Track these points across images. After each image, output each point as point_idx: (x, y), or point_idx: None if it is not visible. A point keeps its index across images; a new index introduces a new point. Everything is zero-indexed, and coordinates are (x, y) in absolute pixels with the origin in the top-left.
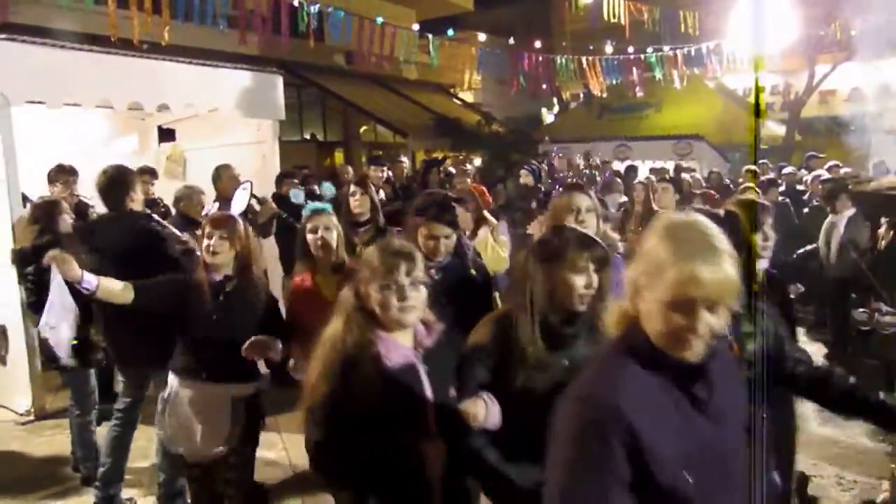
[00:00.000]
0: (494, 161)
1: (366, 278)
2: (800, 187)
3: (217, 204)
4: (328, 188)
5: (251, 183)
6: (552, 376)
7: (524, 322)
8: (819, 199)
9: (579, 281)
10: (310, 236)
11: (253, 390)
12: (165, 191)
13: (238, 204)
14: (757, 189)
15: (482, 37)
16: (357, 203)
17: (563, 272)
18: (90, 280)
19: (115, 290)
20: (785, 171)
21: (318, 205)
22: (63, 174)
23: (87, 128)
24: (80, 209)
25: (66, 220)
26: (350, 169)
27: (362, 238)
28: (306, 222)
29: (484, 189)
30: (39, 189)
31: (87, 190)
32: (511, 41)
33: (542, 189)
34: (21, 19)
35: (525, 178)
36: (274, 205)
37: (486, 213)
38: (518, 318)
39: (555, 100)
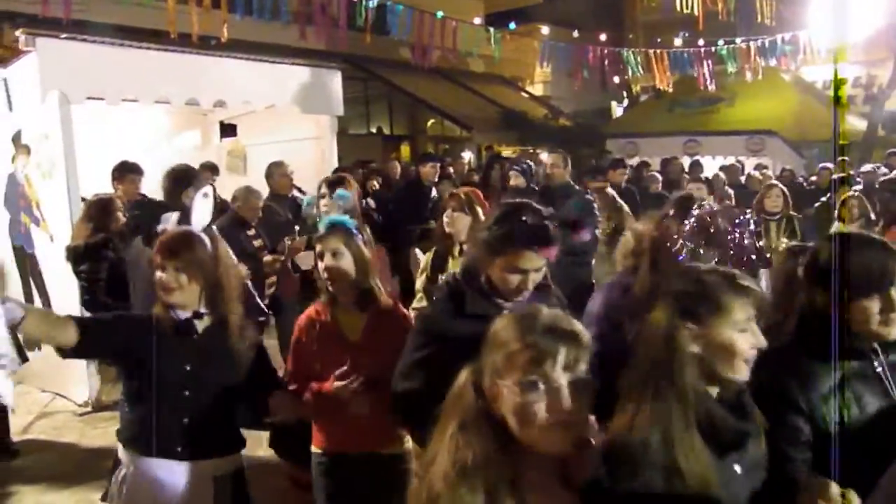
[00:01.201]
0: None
1: (496, 366)
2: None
3: (175, 215)
4: (342, 196)
5: (213, 187)
6: None
7: None
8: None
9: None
10: (321, 262)
11: (238, 464)
12: (227, 186)
13: (198, 215)
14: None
15: (545, 29)
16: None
17: None
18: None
19: (45, 329)
20: (863, 168)
21: (333, 218)
22: (127, 172)
23: (148, 124)
24: (149, 206)
25: (120, 219)
26: (398, 165)
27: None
28: (317, 243)
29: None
30: (103, 186)
31: (150, 186)
32: (576, 34)
33: (536, 191)
34: (83, 16)
35: (515, 179)
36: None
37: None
38: None
39: (624, 93)
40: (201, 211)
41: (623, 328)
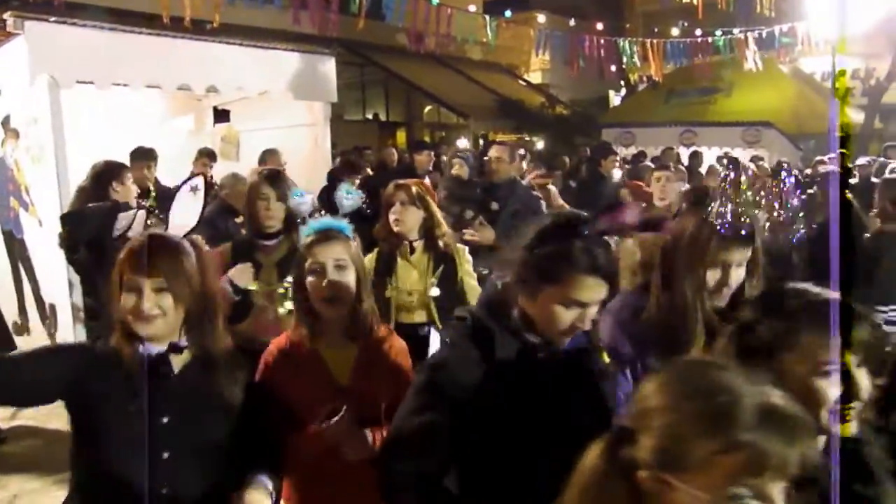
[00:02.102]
0: (557, 144)
1: (672, 455)
2: (875, 180)
3: (140, 214)
4: (348, 192)
5: (203, 178)
6: None
7: None
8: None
9: None
10: (310, 279)
11: None
12: (219, 171)
13: (182, 215)
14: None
15: (542, 18)
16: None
17: None
18: None
19: None
20: (859, 161)
21: (326, 222)
22: (142, 157)
23: (141, 108)
24: (162, 192)
25: None
26: (395, 152)
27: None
28: (304, 252)
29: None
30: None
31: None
32: (572, 23)
33: (479, 184)
34: None
35: (458, 168)
36: (315, 201)
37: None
38: None
39: (621, 82)
40: (186, 210)
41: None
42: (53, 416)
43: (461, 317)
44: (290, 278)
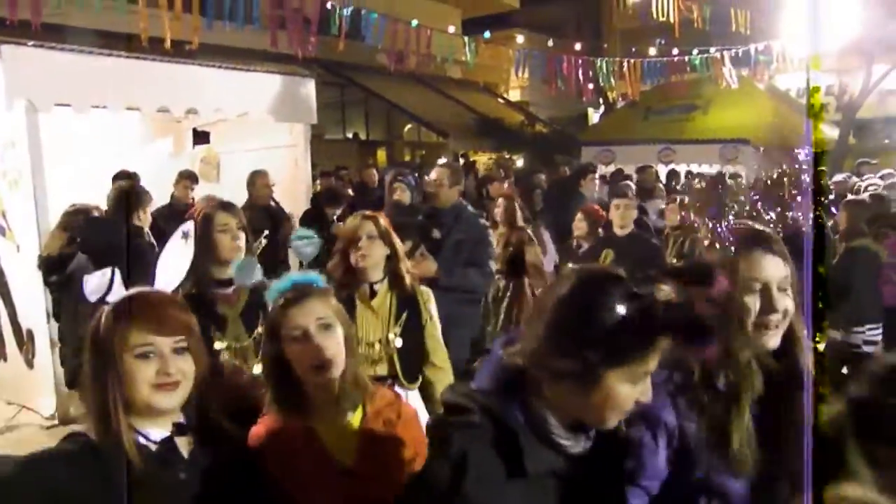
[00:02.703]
0: (537, 162)
1: None
2: (851, 196)
3: (109, 275)
4: (306, 238)
5: (194, 224)
6: None
7: None
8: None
9: None
10: (291, 348)
11: None
12: (199, 193)
13: (173, 267)
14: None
15: (520, 38)
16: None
17: None
18: None
19: None
20: (836, 178)
21: (293, 278)
22: (126, 179)
23: (120, 130)
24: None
25: None
26: (376, 172)
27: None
28: (277, 318)
29: None
30: (72, 195)
31: None
32: (550, 43)
33: (421, 210)
34: (54, 20)
35: (400, 193)
36: (297, 223)
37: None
38: None
39: (600, 100)
40: (176, 262)
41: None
42: (32, 444)
43: (461, 407)
44: (260, 329)
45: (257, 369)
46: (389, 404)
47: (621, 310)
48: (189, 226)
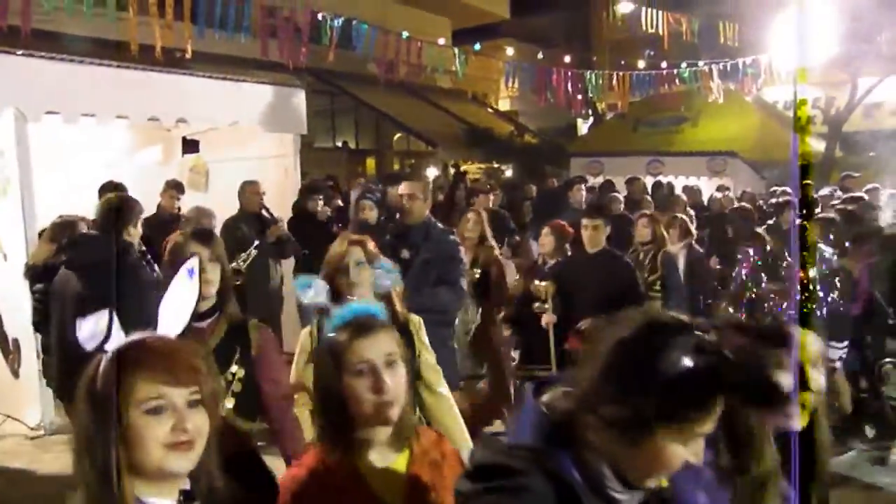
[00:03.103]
0: (526, 173)
1: None
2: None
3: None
4: (308, 286)
5: (198, 257)
6: None
7: None
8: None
9: None
10: (355, 383)
11: None
12: (188, 202)
13: (177, 309)
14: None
15: (510, 51)
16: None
17: None
18: None
19: None
20: (822, 192)
21: (359, 308)
22: (112, 191)
23: (109, 139)
24: None
25: None
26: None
27: None
28: (342, 349)
29: None
30: (61, 203)
31: None
32: (540, 55)
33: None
34: (45, 27)
35: (368, 211)
36: (285, 227)
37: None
38: None
39: (589, 111)
40: (181, 303)
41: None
42: (17, 455)
43: (503, 468)
44: (234, 369)
45: (228, 404)
46: (434, 444)
47: (687, 363)
48: (194, 262)
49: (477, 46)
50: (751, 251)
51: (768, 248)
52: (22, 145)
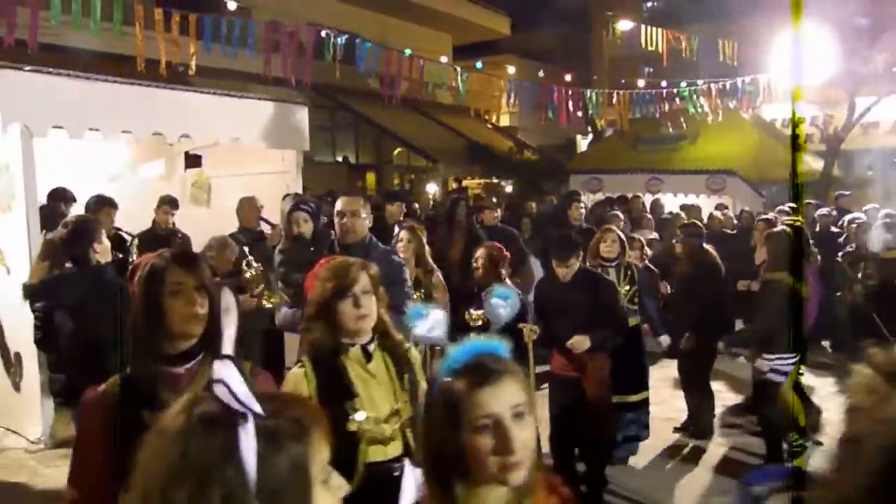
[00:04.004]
0: (526, 189)
1: None
2: (835, 230)
3: None
4: (501, 299)
5: (233, 294)
6: None
7: None
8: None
9: None
10: (476, 440)
11: None
12: (190, 216)
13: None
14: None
15: (511, 69)
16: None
17: None
18: None
19: None
20: (820, 211)
21: (482, 347)
22: (102, 205)
23: (112, 154)
24: (118, 241)
25: None
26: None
27: None
28: (461, 400)
29: None
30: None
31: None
32: (541, 74)
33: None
34: (51, 41)
35: (303, 225)
36: (282, 231)
37: None
38: None
39: (588, 128)
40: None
41: None
42: (18, 469)
43: None
44: None
45: None
46: (550, 492)
47: None
48: (230, 300)
49: (479, 65)
50: None
51: None
52: (27, 160)
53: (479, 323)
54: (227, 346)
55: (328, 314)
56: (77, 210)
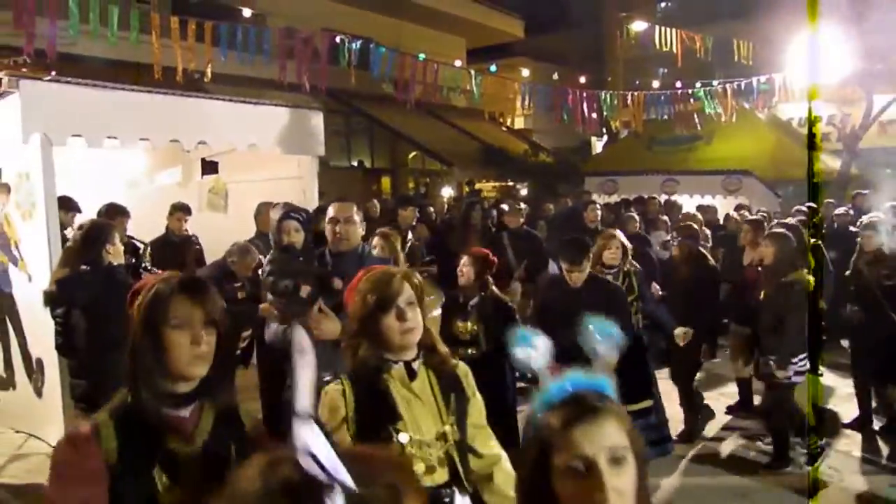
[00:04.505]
0: (541, 191)
1: None
2: (853, 229)
3: None
4: (601, 333)
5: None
6: None
7: None
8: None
9: None
10: (568, 484)
11: None
12: (207, 222)
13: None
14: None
15: (525, 71)
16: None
17: None
18: None
19: None
20: (837, 211)
21: (582, 381)
22: (114, 214)
23: (130, 160)
24: (131, 249)
25: None
26: (377, 203)
27: None
28: (553, 440)
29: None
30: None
31: (133, 221)
32: (555, 76)
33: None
34: (69, 50)
35: (294, 234)
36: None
37: None
38: None
39: (603, 129)
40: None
41: None
42: (40, 473)
43: None
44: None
45: None
46: None
47: None
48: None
49: (493, 68)
50: None
51: None
52: (48, 169)
53: (469, 337)
54: (304, 399)
55: (371, 329)
56: (84, 219)
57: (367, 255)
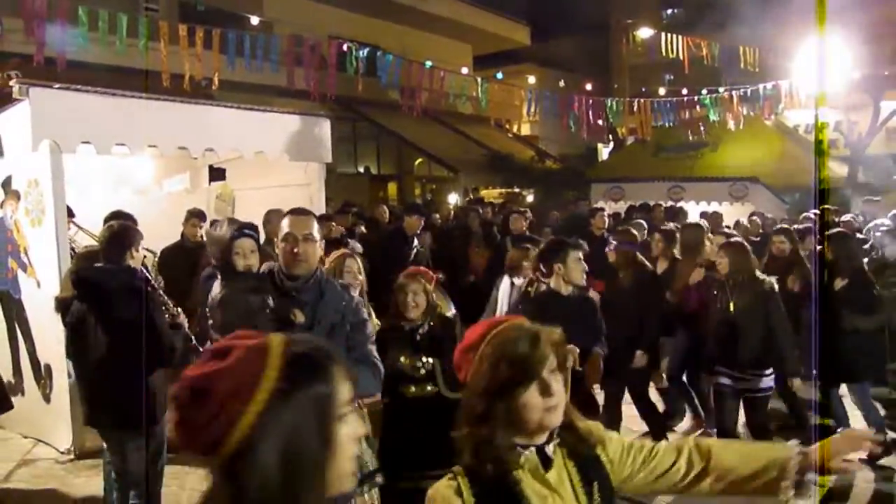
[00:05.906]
0: (547, 198)
1: None
2: (860, 236)
3: None
4: None
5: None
6: None
7: None
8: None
9: None
10: None
11: None
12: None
13: None
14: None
15: (532, 78)
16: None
17: None
18: None
19: None
20: (844, 217)
21: None
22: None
23: (138, 167)
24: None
25: None
26: (386, 209)
27: None
28: None
29: None
30: (95, 228)
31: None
32: (561, 83)
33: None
34: (78, 57)
35: (249, 256)
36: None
37: None
38: None
39: (609, 136)
40: None
41: None
42: (48, 478)
43: None
44: None
45: None
46: None
47: None
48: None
49: (499, 75)
50: None
51: None
52: (57, 177)
53: (422, 373)
54: None
55: (503, 409)
56: (83, 223)
57: (324, 280)
